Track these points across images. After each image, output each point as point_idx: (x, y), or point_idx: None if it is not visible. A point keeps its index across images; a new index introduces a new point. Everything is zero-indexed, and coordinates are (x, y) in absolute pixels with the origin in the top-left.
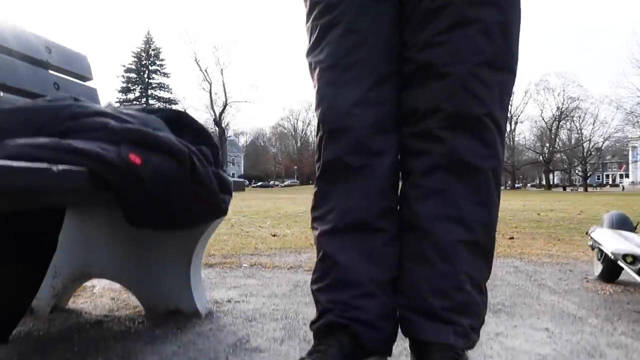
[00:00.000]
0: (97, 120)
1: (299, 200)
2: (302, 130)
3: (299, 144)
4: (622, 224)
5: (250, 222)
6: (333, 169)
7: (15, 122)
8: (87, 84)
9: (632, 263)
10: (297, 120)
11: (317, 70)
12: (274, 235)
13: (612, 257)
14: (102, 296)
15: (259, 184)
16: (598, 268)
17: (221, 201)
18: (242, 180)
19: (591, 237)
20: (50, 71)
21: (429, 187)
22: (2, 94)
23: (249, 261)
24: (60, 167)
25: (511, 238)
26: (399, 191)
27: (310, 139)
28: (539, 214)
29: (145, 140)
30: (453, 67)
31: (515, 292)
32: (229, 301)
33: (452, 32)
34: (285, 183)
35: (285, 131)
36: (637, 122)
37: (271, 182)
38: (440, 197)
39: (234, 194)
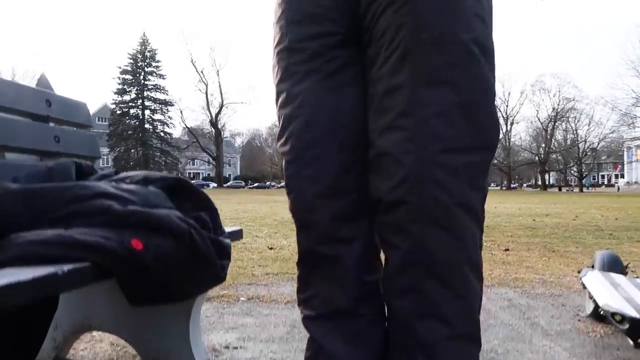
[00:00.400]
0: (100, 204)
1: None
2: None
3: None
4: (613, 265)
5: (247, 231)
6: (307, 258)
7: (19, 205)
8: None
9: (620, 322)
10: None
11: (284, 160)
12: (271, 249)
13: (602, 312)
14: (101, 341)
15: (256, 185)
16: (589, 306)
17: (219, 269)
18: (238, 229)
19: (582, 283)
20: (51, 124)
21: (404, 285)
22: (6, 155)
23: (247, 293)
24: (66, 268)
25: (506, 250)
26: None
27: None
28: (534, 220)
29: (147, 222)
30: (411, 155)
31: (508, 335)
32: (227, 347)
33: (408, 117)
34: (282, 184)
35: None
36: (632, 123)
37: (267, 183)
38: (416, 296)
39: (230, 197)
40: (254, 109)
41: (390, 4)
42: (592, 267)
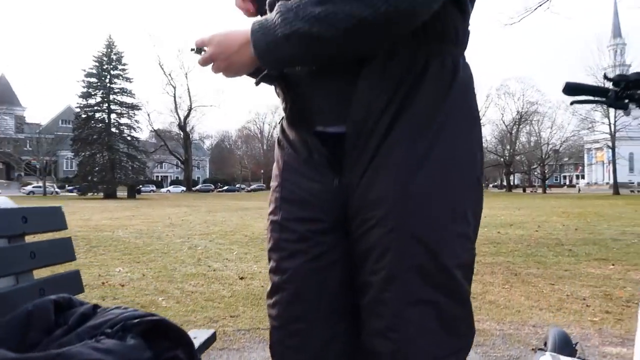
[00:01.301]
0: None
1: (265, 213)
2: (269, 133)
3: (265, 147)
4: (564, 346)
5: (217, 252)
6: None
7: None
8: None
9: None
10: (264, 123)
11: (270, 325)
12: (242, 278)
13: None
14: None
15: (225, 188)
16: None
17: None
18: (211, 332)
19: None
20: (26, 239)
21: None
22: None
23: None
24: None
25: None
26: None
27: None
28: (499, 232)
29: None
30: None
31: None
32: None
33: (395, 332)
34: (252, 187)
35: (252, 134)
36: (592, 127)
37: (237, 186)
38: None
39: (200, 203)
40: (223, 111)
41: (379, 224)
42: (545, 344)
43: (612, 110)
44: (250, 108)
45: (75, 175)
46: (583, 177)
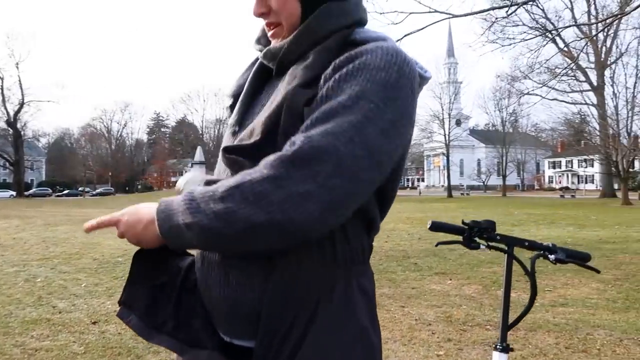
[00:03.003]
0: None
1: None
2: (118, 132)
3: (113, 147)
4: None
5: (61, 285)
6: None
7: None
8: None
9: None
10: (112, 121)
11: None
12: (94, 323)
13: None
14: None
15: (66, 191)
16: None
17: None
18: None
19: None
20: None
21: None
22: None
23: None
24: None
25: None
26: None
27: (127, 142)
28: None
29: None
30: None
31: None
32: None
33: None
34: (98, 190)
35: (98, 132)
36: (430, 136)
37: (80, 189)
38: None
39: (35, 212)
40: (63, 106)
41: None
42: None
43: (446, 122)
44: (95, 104)
45: None
46: (423, 180)
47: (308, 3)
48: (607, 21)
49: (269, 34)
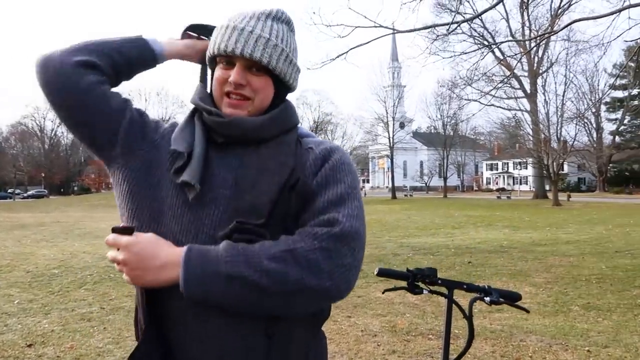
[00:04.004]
0: None
1: (51, 232)
2: (52, 131)
3: (47, 147)
4: None
5: None
6: None
7: None
8: None
9: None
10: (45, 119)
11: None
12: (30, 346)
13: None
14: None
15: None
16: None
17: None
18: None
19: None
20: None
21: None
22: None
23: None
24: None
25: None
26: None
27: (62, 142)
28: None
29: None
30: None
31: None
32: None
33: None
34: (29, 193)
35: (29, 131)
36: (375, 139)
37: (10, 191)
38: None
39: None
40: None
41: None
42: None
43: (391, 125)
44: (27, 101)
45: None
46: (368, 181)
47: (278, 95)
48: (539, 39)
49: (230, 102)
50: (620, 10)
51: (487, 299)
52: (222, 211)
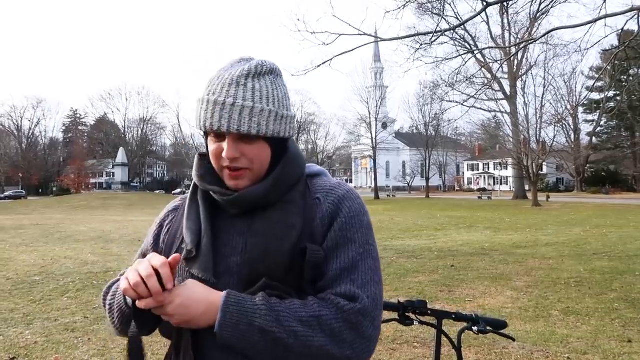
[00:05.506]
0: None
1: (30, 235)
2: (30, 130)
3: (24, 146)
4: None
5: None
6: None
7: None
8: None
9: None
10: (22, 118)
11: None
12: (13, 359)
13: None
14: None
15: None
16: None
17: None
18: None
19: None
20: None
21: None
22: None
23: None
24: None
25: None
26: None
27: (40, 141)
28: None
29: None
30: None
31: None
32: None
33: None
34: (7, 193)
35: (6, 130)
36: (358, 139)
37: None
38: None
39: None
40: None
41: None
42: None
43: (373, 125)
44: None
45: None
46: (351, 181)
47: (277, 150)
48: (521, 45)
49: (230, 174)
50: (596, 20)
51: (475, 328)
52: (237, 280)
